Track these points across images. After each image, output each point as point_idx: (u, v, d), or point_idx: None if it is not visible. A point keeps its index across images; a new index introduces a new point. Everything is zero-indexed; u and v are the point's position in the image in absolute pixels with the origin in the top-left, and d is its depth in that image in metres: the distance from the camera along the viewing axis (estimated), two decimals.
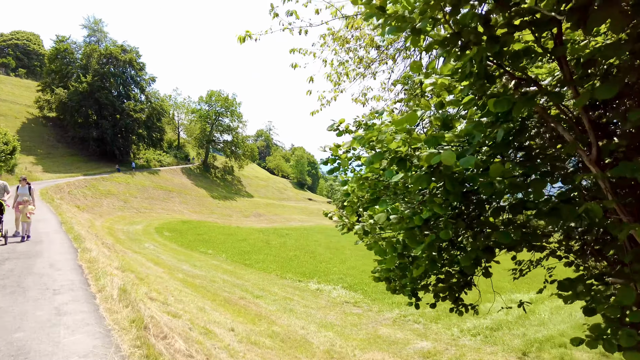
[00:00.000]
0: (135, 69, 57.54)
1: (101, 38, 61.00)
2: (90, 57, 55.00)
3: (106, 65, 54.37)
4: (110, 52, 54.40)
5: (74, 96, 51.73)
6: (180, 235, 34.19)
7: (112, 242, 26.03)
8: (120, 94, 56.53)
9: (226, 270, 19.80)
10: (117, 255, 15.20)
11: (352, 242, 36.13)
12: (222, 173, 74.62)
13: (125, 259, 16.61)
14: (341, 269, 20.80)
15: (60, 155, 51.24)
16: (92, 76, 52.77)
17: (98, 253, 9.96)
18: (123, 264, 10.76)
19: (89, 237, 14.15)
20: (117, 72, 55.55)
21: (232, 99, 72.12)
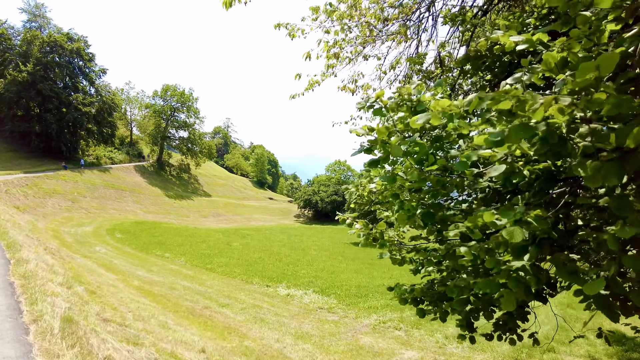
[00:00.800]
0: (84, 60, 53.60)
1: (43, 24, 56.29)
2: (31, 44, 50.54)
3: (50, 54, 50.14)
4: (54, 40, 50.24)
5: (12, 86, 47.33)
6: (134, 237, 31.98)
7: (57, 246, 23.68)
8: (66, 86, 52.46)
9: (186, 275, 18.37)
10: (64, 263, 13.50)
11: (316, 242, 35.27)
12: (178, 171, 71.49)
13: (73, 266, 14.88)
14: (310, 271, 19.91)
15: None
16: (34, 65, 48.51)
17: (37, 265, 8.43)
18: (69, 276, 9.30)
19: (28, 244, 12.39)
20: (63, 62, 51.41)
21: (189, 94, 69.15)
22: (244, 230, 47.71)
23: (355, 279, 17.73)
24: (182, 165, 72.74)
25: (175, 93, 67.87)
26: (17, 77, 47.36)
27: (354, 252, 30.41)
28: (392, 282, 15.67)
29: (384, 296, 14.42)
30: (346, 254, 28.75)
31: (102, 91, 56.19)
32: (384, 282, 17.10)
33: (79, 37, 53.77)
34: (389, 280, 17.98)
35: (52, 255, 14.16)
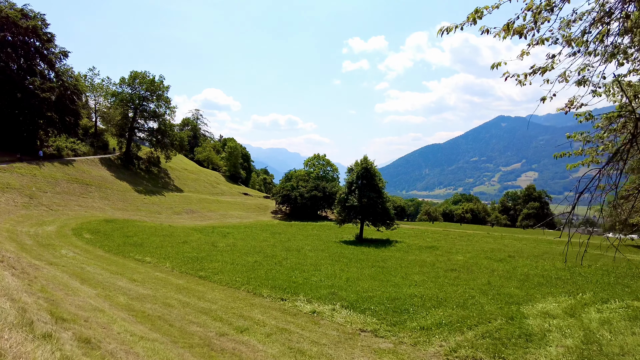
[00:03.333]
0: (41, 40, 48.29)
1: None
2: None
3: (0, 31, 44.77)
4: (6, 15, 44.79)
5: None
6: (105, 237, 28.38)
7: (14, 250, 20.07)
8: (21, 69, 47.15)
9: (178, 286, 15.45)
10: (30, 282, 10.39)
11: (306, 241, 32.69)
12: (147, 164, 66.76)
13: (38, 279, 11.71)
14: (321, 278, 17.41)
15: None
16: None
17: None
18: (43, 307, 6.39)
19: None
20: (17, 42, 46.12)
21: (159, 82, 64.36)
22: (222, 228, 44.55)
23: (380, 288, 15.38)
24: (152, 159, 68.00)
25: (145, 81, 63.02)
26: None
27: (351, 252, 28.13)
28: (423, 291, 13.33)
29: (428, 311, 12.17)
30: (346, 254, 26.42)
31: (63, 76, 50.99)
32: (414, 292, 14.88)
33: (36, 14, 48.44)
34: (415, 288, 15.77)
35: (11, 269, 10.96)
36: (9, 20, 44.83)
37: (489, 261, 24.83)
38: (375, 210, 35.57)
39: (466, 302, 13.29)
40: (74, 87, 51.79)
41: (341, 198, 37.40)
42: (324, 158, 77.83)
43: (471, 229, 70.18)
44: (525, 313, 11.83)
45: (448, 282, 17.10)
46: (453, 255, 27.73)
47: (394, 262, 23.57)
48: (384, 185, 37.29)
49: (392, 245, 33.90)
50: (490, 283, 16.92)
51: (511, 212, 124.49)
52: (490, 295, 14.52)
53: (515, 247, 35.99)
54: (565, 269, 20.54)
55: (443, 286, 16.22)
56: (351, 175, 37.40)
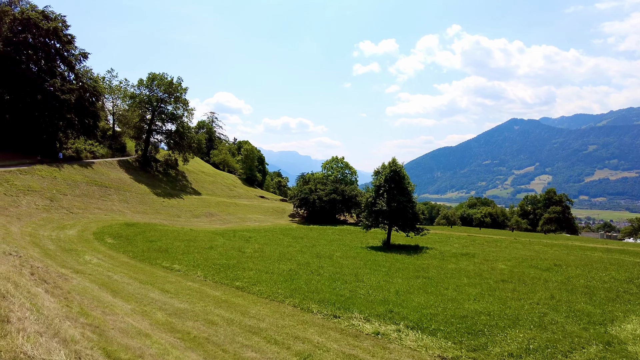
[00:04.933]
0: (62, 42, 47.88)
1: (14, 1, 50.26)
2: (0, 21, 44.72)
3: (22, 33, 44.41)
4: (28, 17, 44.49)
5: None
6: (128, 242, 27.42)
7: (39, 256, 19.09)
8: (42, 70, 46.74)
9: (216, 298, 14.24)
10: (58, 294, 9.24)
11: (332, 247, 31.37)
12: (165, 167, 66.10)
13: (72, 294, 10.55)
14: (368, 290, 16.06)
15: None
16: (3, 45, 42.81)
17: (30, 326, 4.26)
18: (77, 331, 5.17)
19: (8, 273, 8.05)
20: (38, 44, 45.74)
21: (177, 83, 63.71)
22: (242, 232, 43.46)
23: (438, 303, 13.99)
24: (169, 161, 67.36)
25: (163, 82, 62.43)
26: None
27: (384, 259, 26.72)
28: (486, 307, 11.84)
29: (505, 333, 10.73)
30: (380, 262, 25.02)
31: (82, 77, 50.54)
32: (477, 307, 13.47)
33: (56, 15, 48.05)
34: (476, 303, 14.33)
35: (44, 283, 9.83)
36: (30, 22, 44.49)
37: (536, 270, 23.21)
38: (405, 215, 34.04)
39: (542, 321, 11.82)
40: (93, 89, 51.30)
41: (368, 202, 35.92)
42: (343, 161, 76.38)
43: (494, 234, 68.09)
44: (619, 337, 10.33)
45: (508, 296, 15.61)
46: (494, 264, 26.13)
47: (436, 271, 22.10)
48: (413, 189, 35.79)
49: (423, 252, 32.37)
50: (554, 297, 15.38)
51: (530, 216, 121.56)
52: (563, 312, 13.02)
53: (551, 254, 34.18)
54: (628, 281, 18.87)
55: (505, 300, 14.74)
56: (378, 179, 35.92)
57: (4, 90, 43.75)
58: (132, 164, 58.47)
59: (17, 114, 43.69)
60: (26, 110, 43.67)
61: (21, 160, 41.55)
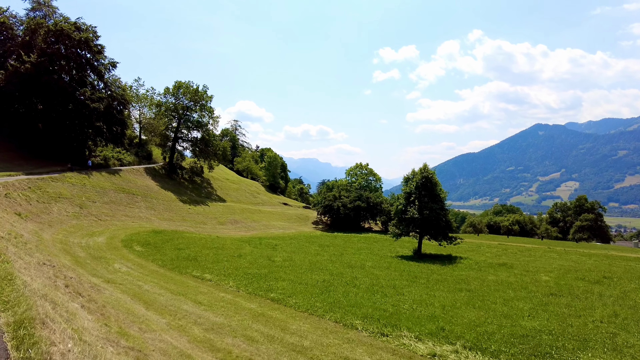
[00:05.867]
0: (92, 52, 48.78)
1: (49, 13, 51.67)
2: (35, 33, 45.90)
3: (55, 44, 45.46)
4: (61, 29, 45.51)
5: (14, 78, 42.58)
6: (156, 250, 27.17)
7: (70, 264, 18.88)
8: (73, 80, 47.66)
9: (252, 312, 13.55)
10: (94, 309, 8.70)
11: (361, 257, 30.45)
12: (190, 174, 66.54)
13: (107, 308, 10.02)
14: (411, 305, 15.13)
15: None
16: (38, 56, 43.81)
17: None
18: None
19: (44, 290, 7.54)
20: (70, 54, 46.70)
21: (203, 91, 64.21)
22: (268, 239, 42.96)
23: (491, 320, 12.95)
24: (195, 168, 67.79)
25: (189, 90, 63.00)
26: (20, 68, 42.63)
27: (419, 270, 25.62)
28: (545, 324, 10.53)
29: (576, 356, 9.62)
30: (415, 273, 23.95)
31: (111, 86, 51.34)
32: (535, 325, 12.38)
33: (88, 26, 49.00)
34: (533, 320, 13.23)
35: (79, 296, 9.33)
36: (63, 33, 45.47)
37: (585, 283, 21.72)
38: (438, 224, 32.80)
39: (615, 344, 10.66)
40: (121, 97, 52.02)
41: (398, 210, 34.84)
42: (367, 167, 75.29)
43: (524, 242, 65.66)
44: None
45: (565, 312, 14.41)
46: (535, 275, 24.70)
47: (478, 283, 20.91)
48: (446, 196, 34.56)
49: (458, 262, 31.06)
50: (617, 314, 14.09)
51: (560, 224, 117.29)
52: (636, 333, 11.77)
53: (592, 265, 32.31)
54: None
55: (563, 318, 13.57)
56: (409, 185, 34.83)
57: (38, 99, 44.72)
58: (158, 172, 58.97)
59: (50, 123, 44.53)
60: (58, 119, 44.48)
61: (52, 167, 42.26)
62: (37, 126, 44.97)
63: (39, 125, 44.98)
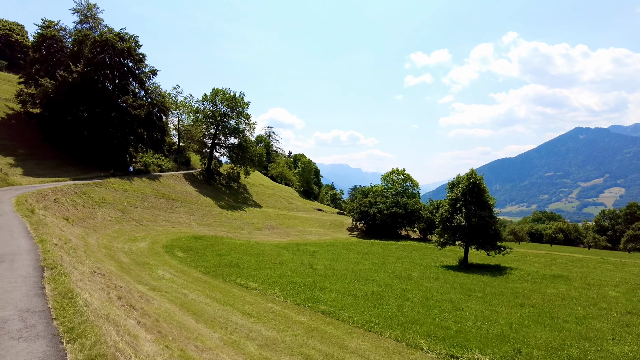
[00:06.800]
0: (134, 60, 50.07)
1: (95, 25, 53.47)
2: (82, 44, 47.51)
3: (101, 54, 46.87)
4: (105, 39, 46.96)
5: (62, 88, 44.11)
6: (198, 256, 26.94)
7: (116, 271, 18.75)
8: (116, 88, 48.98)
9: (304, 325, 12.74)
10: (149, 323, 8.11)
11: (405, 266, 29.15)
12: (227, 180, 67.04)
13: (160, 322, 9.44)
14: (474, 320, 13.91)
15: (45, 157, 43.48)
16: (84, 66, 45.27)
17: None
18: None
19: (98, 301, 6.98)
20: (113, 63, 48.06)
21: (240, 98, 64.70)
22: (305, 245, 42.32)
23: (571, 342, 11.63)
24: (232, 174, 68.31)
25: (226, 97, 63.64)
26: (68, 78, 44.12)
27: (471, 282, 24.14)
28: (636, 350, 8.61)
29: None
30: (467, 285, 22.52)
31: (152, 93, 52.42)
32: (624, 350, 10.90)
33: (130, 36, 50.32)
34: (620, 345, 11.75)
35: (132, 310, 8.80)
36: (107, 43, 46.86)
37: None
38: (487, 232, 31.06)
39: None
40: (161, 104, 53.02)
41: (444, 217, 33.31)
42: (404, 172, 73.53)
43: (572, 252, 62.06)
44: None
45: None
46: (600, 290, 22.71)
47: (538, 298, 19.31)
48: (494, 203, 32.76)
49: (509, 273, 29.24)
50: None
51: (609, 232, 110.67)
52: None
53: None
54: None
55: None
56: (454, 192, 33.25)
57: (84, 107, 46.14)
58: (196, 177, 59.67)
59: (94, 130, 45.78)
60: (101, 126, 45.69)
61: (96, 173, 43.37)
62: (82, 133, 46.33)
63: (85, 132, 46.32)
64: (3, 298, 6.03)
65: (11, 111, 47.73)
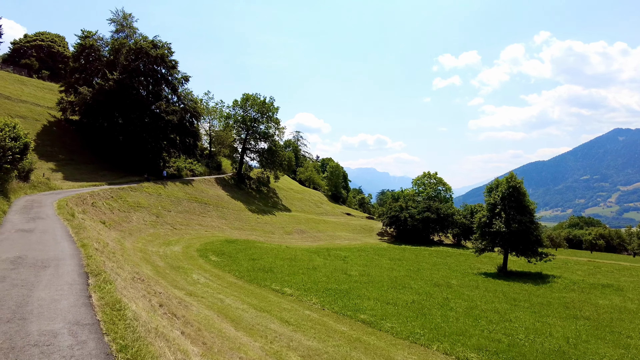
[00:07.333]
0: (167, 67, 51.10)
1: (130, 34, 54.89)
2: (118, 52, 48.87)
3: (135, 61, 48.06)
4: (140, 46, 48.16)
5: (99, 95, 45.46)
6: (231, 260, 26.86)
7: (152, 275, 18.80)
8: (150, 94, 50.08)
9: (346, 336, 12.22)
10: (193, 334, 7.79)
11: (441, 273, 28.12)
12: (257, 184, 67.41)
13: (202, 332, 9.13)
14: (527, 334, 12.99)
15: (83, 162, 44.82)
16: (120, 73, 46.51)
17: None
18: None
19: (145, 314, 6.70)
20: (147, 70, 49.19)
21: (270, 103, 65.05)
22: (336, 250, 41.75)
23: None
24: (261, 178, 68.68)
25: (256, 102, 64.11)
26: (105, 85, 45.44)
27: (513, 291, 22.98)
28: None
29: None
30: (510, 294, 21.41)
31: (184, 99, 53.32)
32: None
33: (163, 43, 51.42)
34: None
35: (173, 318, 8.54)
36: (142, 51, 48.03)
37: None
38: (528, 238, 29.67)
39: None
40: (194, 110, 53.83)
41: (482, 222, 32.06)
42: (436, 176, 71.92)
43: (615, 259, 58.80)
44: None
45: None
46: None
47: (591, 310, 18.07)
48: (535, 207, 31.29)
49: (552, 282, 27.76)
50: None
51: None
52: None
53: None
54: None
55: None
56: (493, 196, 31.97)
57: (119, 114, 47.37)
58: (228, 182, 60.24)
59: (128, 135, 46.89)
60: (136, 132, 46.74)
61: (131, 177, 44.33)
62: (118, 139, 47.54)
63: (120, 137, 47.51)
64: (52, 308, 5.84)
65: (53, 119, 49.53)
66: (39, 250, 10.44)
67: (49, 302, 6.05)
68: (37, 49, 70.33)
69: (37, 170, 33.34)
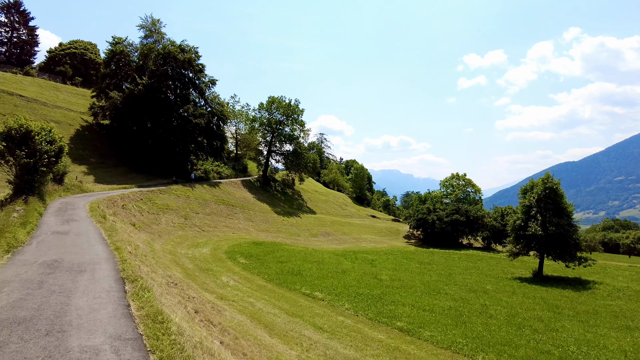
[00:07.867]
0: (194, 71, 51.72)
1: (159, 39, 55.91)
2: (147, 57, 49.80)
3: (163, 66, 48.86)
4: (168, 51, 48.91)
5: (129, 100, 46.37)
6: (259, 262, 26.70)
7: (182, 277, 18.74)
8: (177, 97, 50.78)
9: (384, 344, 11.71)
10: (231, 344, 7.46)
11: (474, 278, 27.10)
12: (282, 187, 67.48)
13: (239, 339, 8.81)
14: (579, 346, 12.18)
15: (114, 165, 45.79)
16: (149, 78, 47.33)
17: None
18: None
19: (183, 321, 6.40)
20: (175, 74, 49.89)
21: (295, 105, 65.04)
22: (362, 253, 41.10)
23: None
24: (287, 181, 68.72)
25: (281, 105, 64.22)
26: (134, 90, 46.33)
27: (553, 297, 21.88)
28: None
29: None
30: (550, 301, 20.37)
31: (211, 102, 53.87)
32: None
33: (190, 48, 52.09)
34: None
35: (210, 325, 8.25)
36: (170, 55, 48.79)
37: None
38: (566, 242, 28.29)
39: None
40: (221, 113, 54.31)
41: (516, 225, 30.84)
42: (464, 178, 70.19)
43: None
44: None
45: None
46: None
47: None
48: (573, 210, 29.86)
49: (594, 288, 26.36)
50: None
51: None
52: None
53: None
54: None
55: None
56: (528, 198, 30.70)
57: (148, 117, 48.19)
58: (253, 184, 60.47)
59: (157, 139, 47.62)
60: (164, 135, 47.42)
61: (160, 180, 44.97)
62: (147, 142, 48.35)
63: (149, 141, 48.31)
64: (91, 319, 5.60)
65: (85, 123, 50.85)
66: (74, 254, 10.40)
67: (88, 311, 5.84)
68: (71, 57, 72.58)
69: (70, 174, 34.12)
